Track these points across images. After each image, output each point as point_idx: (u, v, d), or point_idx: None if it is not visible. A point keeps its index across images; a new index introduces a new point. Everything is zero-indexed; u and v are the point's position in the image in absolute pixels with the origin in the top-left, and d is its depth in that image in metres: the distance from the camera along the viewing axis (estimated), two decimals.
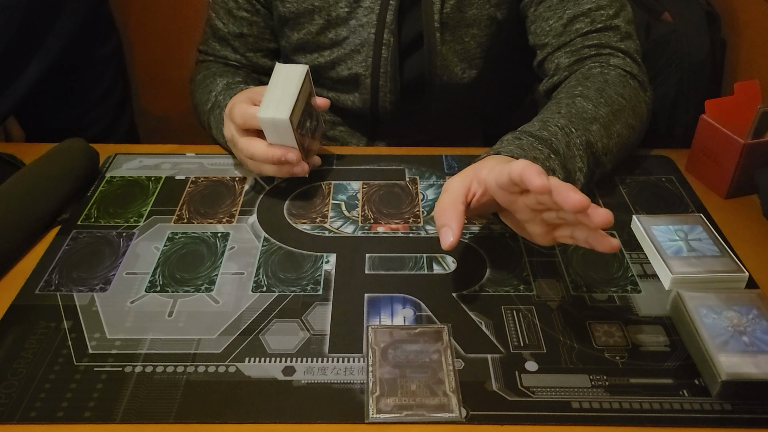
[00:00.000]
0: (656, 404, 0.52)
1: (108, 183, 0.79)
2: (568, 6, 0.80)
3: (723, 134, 0.74)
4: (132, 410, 0.52)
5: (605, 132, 0.70)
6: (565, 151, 0.65)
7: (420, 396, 0.53)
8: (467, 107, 0.96)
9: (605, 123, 0.71)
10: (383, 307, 0.61)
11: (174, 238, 0.70)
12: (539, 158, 0.63)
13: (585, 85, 0.75)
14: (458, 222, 0.58)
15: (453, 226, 0.58)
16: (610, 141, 0.71)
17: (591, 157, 0.68)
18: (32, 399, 0.53)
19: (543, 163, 0.63)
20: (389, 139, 0.96)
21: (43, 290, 0.63)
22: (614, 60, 0.78)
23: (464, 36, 0.86)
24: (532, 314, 0.61)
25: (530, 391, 0.53)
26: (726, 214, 0.73)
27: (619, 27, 0.80)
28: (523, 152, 0.63)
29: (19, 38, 0.91)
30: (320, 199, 0.76)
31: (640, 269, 0.66)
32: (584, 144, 0.67)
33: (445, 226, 0.58)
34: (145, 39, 1.17)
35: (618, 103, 0.73)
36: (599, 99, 0.72)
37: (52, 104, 1.06)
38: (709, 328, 0.56)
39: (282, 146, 0.71)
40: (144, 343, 0.58)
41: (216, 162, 0.83)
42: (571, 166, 0.66)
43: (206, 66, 0.92)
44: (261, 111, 0.68)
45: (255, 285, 0.64)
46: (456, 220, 0.58)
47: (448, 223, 0.58)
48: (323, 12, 0.85)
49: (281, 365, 0.56)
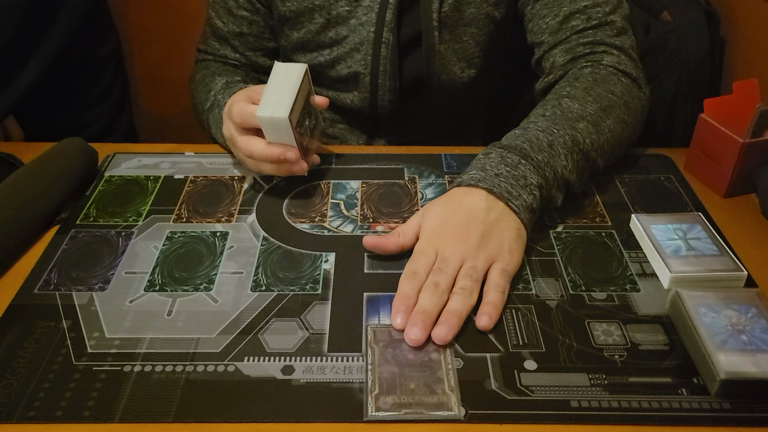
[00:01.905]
0: (655, 403, 0.52)
1: (107, 182, 0.79)
2: (564, 4, 0.81)
3: (722, 133, 0.74)
4: (131, 409, 0.52)
5: (594, 128, 0.71)
6: (544, 153, 0.67)
7: (419, 394, 0.53)
8: (466, 106, 0.96)
9: (593, 120, 0.71)
10: (382, 306, 0.61)
11: (173, 237, 0.70)
12: (501, 174, 0.65)
13: (573, 85, 0.75)
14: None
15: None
16: (601, 137, 0.71)
17: (579, 153, 0.69)
18: (31, 398, 0.53)
19: (509, 175, 0.65)
20: (388, 137, 0.96)
21: (42, 290, 0.63)
22: (608, 58, 0.78)
23: (463, 35, 0.86)
24: (531, 313, 0.61)
25: (529, 390, 0.53)
26: (725, 213, 0.73)
27: (615, 22, 0.80)
28: (484, 174, 0.66)
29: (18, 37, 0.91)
30: (319, 198, 0.76)
31: (639, 268, 0.66)
32: (569, 142, 0.68)
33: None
34: (144, 38, 1.17)
35: (608, 99, 0.74)
36: (587, 97, 0.73)
37: (51, 103, 1.06)
38: (708, 327, 0.56)
39: (281, 145, 0.71)
40: (143, 342, 0.58)
41: (215, 161, 0.83)
42: (555, 164, 0.67)
43: (205, 65, 0.92)
44: (260, 110, 0.68)
45: (254, 284, 0.64)
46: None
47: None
48: (323, 11, 0.85)
49: (280, 364, 0.56)
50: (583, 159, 0.70)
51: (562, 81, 0.78)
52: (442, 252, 0.62)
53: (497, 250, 0.62)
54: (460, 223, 0.63)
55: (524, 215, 0.65)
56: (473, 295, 0.60)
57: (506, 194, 0.64)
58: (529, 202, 0.65)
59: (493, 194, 0.64)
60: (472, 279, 0.60)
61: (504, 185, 0.65)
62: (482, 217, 0.63)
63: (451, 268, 0.61)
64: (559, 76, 0.80)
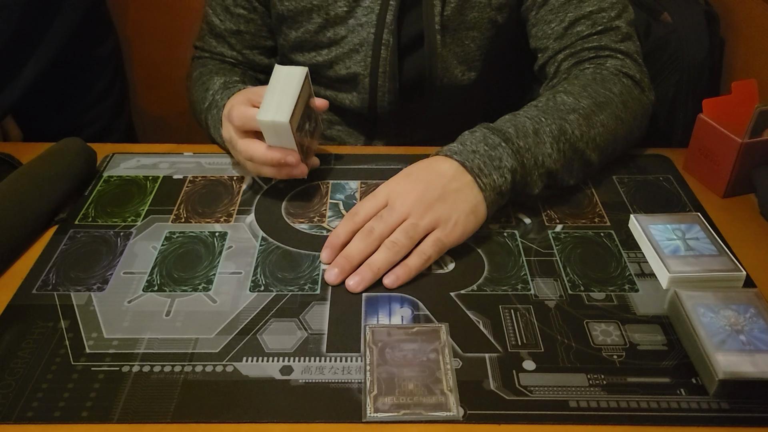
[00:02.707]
0: (654, 403, 0.52)
1: (105, 182, 0.79)
2: (569, 9, 0.80)
3: (721, 133, 0.74)
4: (129, 410, 0.52)
5: (585, 121, 0.71)
6: (528, 140, 0.68)
7: (418, 395, 0.53)
8: (466, 108, 0.96)
9: (585, 113, 0.72)
10: (381, 307, 0.61)
11: (171, 237, 0.70)
12: (478, 151, 0.67)
13: (572, 83, 0.76)
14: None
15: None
16: (592, 130, 0.71)
17: (566, 143, 0.69)
18: (29, 399, 0.53)
19: (485, 154, 0.66)
20: (387, 138, 0.96)
21: (41, 290, 0.63)
22: (611, 62, 0.78)
23: (464, 39, 0.86)
24: (530, 313, 0.61)
25: (528, 390, 0.53)
26: (723, 213, 0.73)
27: (620, 28, 0.80)
28: (462, 148, 0.68)
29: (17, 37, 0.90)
30: (318, 198, 0.76)
31: (637, 268, 0.66)
32: (555, 131, 0.69)
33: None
34: (143, 38, 1.17)
35: (604, 96, 0.74)
36: (582, 93, 0.74)
37: (50, 104, 1.06)
38: (707, 327, 0.56)
39: (281, 148, 0.71)
40: (141, 342, 0.58)
41: (214, 161, 0.83)
42: (537, 151, 0.68)
43: (203, 63, 0.92)
44: (260, 114, 0.68)
45: (253, 284, 0.64)
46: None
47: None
48: (322, 11, 0.85)
49: (279, 365, 0.56)
50: (571, 150, 0.70)
51: (563, 81, 0.78)
52: (392, 200, 0.65)
53: (445, 216, 0.64)
54: (421, 181, 0.66)
55: (489, 194, 0.66)
56: (401, 252, 0.62)
57: (477, 170, 0.66)
58: (498, 184, 0.66)
59: (464, 167, 0.66)
60: (408, 236, 0.63)
61: (477, 162, 0.66)
62: (444, 182, 0.65)
63: (393, 219, 0.64)
64: (563, 79, 0.80)
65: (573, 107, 0.72)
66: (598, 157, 0.74)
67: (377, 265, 0.62)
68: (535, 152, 0.68)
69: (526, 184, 0.68)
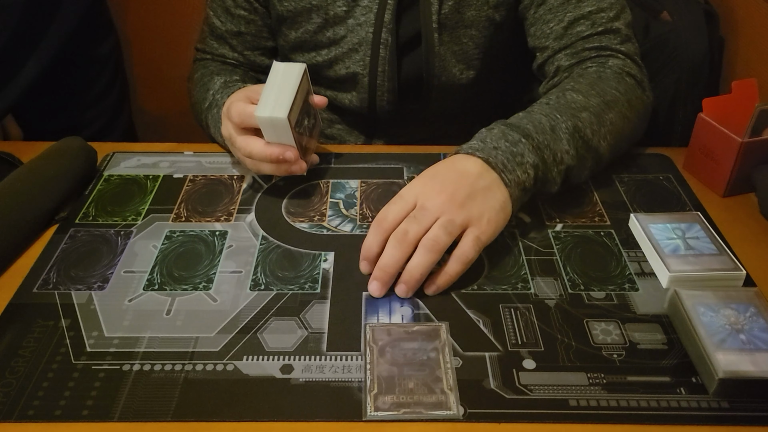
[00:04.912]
0: (653, 402, 0.52)
1: (106, 181, 0.79)
2: (568, 9, 0.80)
3: (721, 132, 0.74)
4: (130, 408, 0.52)
5: (596, 119, 0.71)
6: (546, 136, 0.67)
7: (418, 394, 0.53)
8: (465, 107, 0.96)
9: (596, 111, 0.72)
10: (381, 305, 0.61)
11: (172, 236, 0.70)
12: (500, 147, 0.66)
13: (578, 81, 0.76)
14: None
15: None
16: (603, 128, 0.71)
17: (580, 141, 0.69)
18: (30, 397, 0.53)
19: (507, 150, 0.65)
20: (387, 137, 0.96)
21: (41, 289, 0.63)
22: (613, 61, 0.79)
23: (462, 37, 0.86)
24: (530, 312, 0.61)
25: (528, 389, 0.53)
26: (724, 213, 0.73)
27: (620, 30, 0.80)
28: (483, 145, 0.66)
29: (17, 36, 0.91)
30: (318, 197, 0.76)
31: (637, 267, 0.66)
32: (571, 128, 0.69)
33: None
34: (144, 37, 1.17)
35: (611, 94, 0.74)
36: (590, 91, 0.73)
37: (50, 103, 1.06)
38: (707, 326, 0.56)
39: (280, 145, 0.71)
40: (142, 341, 0.58)
41: (214, 160, 0.83)
42: (556, 147, 0.67)
43: (204, 64, 0.92)
44: (259, 110, 0.68)
45: (253, 283, 0.64)
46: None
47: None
48: (321, 11, 0.85)
49: (279, 363, 0.56)
50: (584, 147, 0.70)
51: (567, 79, 0.79)
52: (422, 201, 0.63)
53: (477, 214, 0.63)
54: (449, 180, 0.64)
55: (514, 190, 0.65)
56: (441, 251, 0.61)
57: (501, 166, 0.65)
58: (522, 179, 0.65)
59: (488, 164, 0.65)
60: (446, 231, 0.61)
61: (500, 158, 0.65)
62: (472, 180, 0.64)
63: (427, 220, 0.62)
64: (564, 78, 0.80)
65: (584, 105, 0.72)
66: (609, 154, 0.74)
67: (419, 270, 0.60)
68: (554, 149, 0.67)
69: (546, 181, 0.68)
